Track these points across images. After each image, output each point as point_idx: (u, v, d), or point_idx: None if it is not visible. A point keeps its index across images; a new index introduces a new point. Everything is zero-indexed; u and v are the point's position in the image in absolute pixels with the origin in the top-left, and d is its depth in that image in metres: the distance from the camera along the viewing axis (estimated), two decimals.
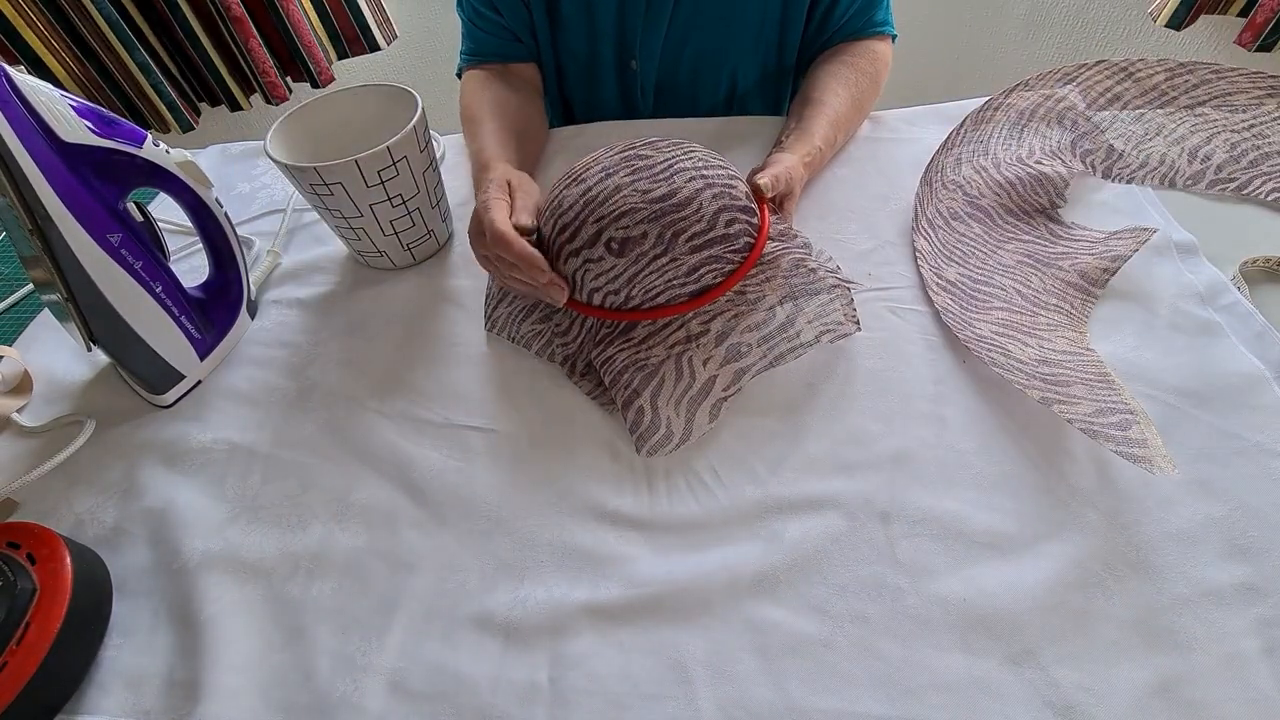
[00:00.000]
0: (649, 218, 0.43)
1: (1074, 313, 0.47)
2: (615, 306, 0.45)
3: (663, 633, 0.35)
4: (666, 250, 0.43)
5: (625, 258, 0.43)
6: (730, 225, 0.44)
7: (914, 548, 0.37)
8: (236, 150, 0.74)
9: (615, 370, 0.45)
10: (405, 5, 1.36)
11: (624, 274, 0.44)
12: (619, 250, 0.43)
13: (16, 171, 0.38)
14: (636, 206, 0.43)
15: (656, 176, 0.43)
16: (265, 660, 0.36)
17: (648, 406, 0.43)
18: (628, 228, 0.43)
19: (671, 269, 0.43)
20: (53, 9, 1.11)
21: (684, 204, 0.43)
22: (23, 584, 0.35)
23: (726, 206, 0.44)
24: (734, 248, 0.44)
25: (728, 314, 0.45)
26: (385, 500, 0.42)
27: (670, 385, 0.44)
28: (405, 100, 0.52)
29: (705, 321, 0.45)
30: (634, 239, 0.43)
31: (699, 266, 0.43)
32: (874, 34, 0.66)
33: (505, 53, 0.69)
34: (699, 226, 0.43)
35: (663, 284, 0.44)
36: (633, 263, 0.43)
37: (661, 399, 0.43)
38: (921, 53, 1.45)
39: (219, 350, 0.52)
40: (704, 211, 0.43)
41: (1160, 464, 0.35)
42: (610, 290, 0.44)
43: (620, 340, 0.45)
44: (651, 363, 0.44)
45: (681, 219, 0.43)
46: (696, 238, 0.43)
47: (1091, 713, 0.31)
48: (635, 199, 0.43)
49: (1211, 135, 0.58)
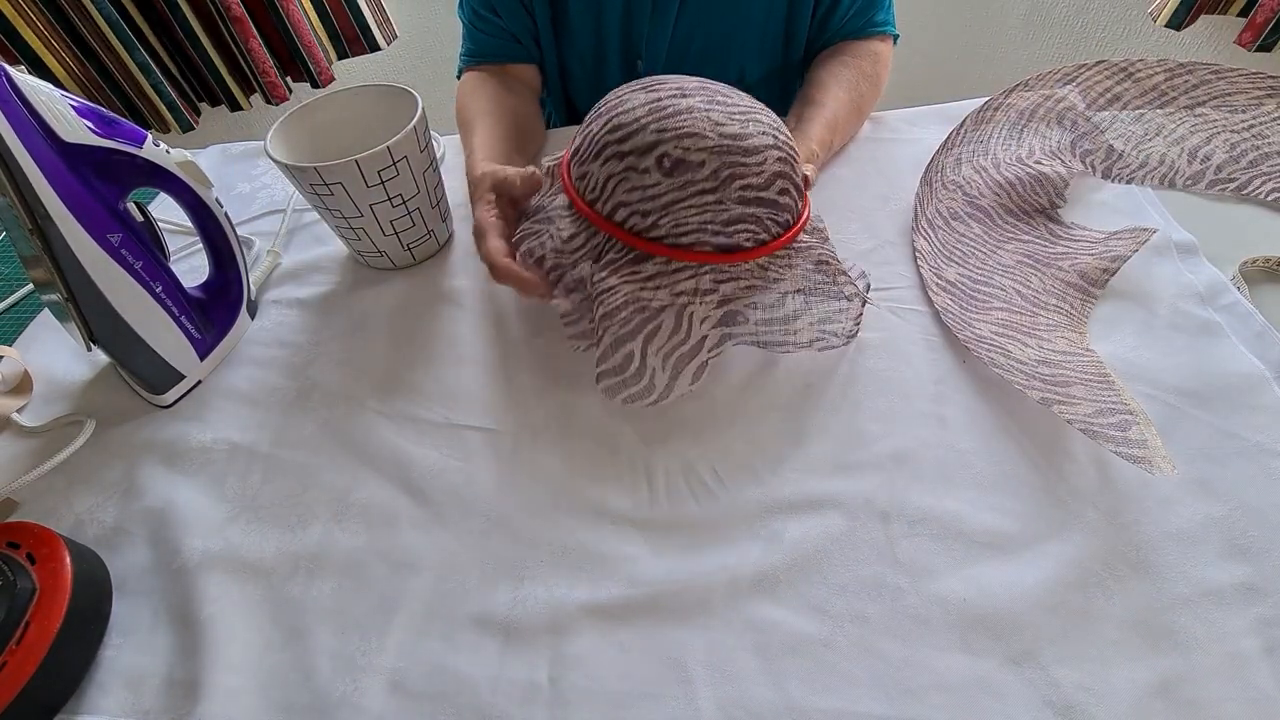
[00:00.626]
0: (714, 149, 0.40)
1: (1074, 313, 0.47)
2: (638, 230, 0.42)
3: (663, 633, 0.35)
4: (718, 189, 0.40)
5: (673, 179, 0.40)
6: (782, 194, 0.42)
7: (914, 548, 0.37)
8: (236, 150, 0.74)
9: (614, 304, 0.42)
10: (405, 5, 1.36)
11: (663, 197, 0.41)
12: (670, 170, 0.40)
13: (16, 171, 0.38)
14: (705, 133, 0.40)
15: (733, 115, 0.41)
16: (265, 660, 0.36)
17: (638, 353, 0.42)
18: (688, 150, 0.40)
19: (713, 210, 0.41)
20: (53, 9, 1.11)
21: (751, 151, 0.41)
22: (22, 584, 0.35)
23: (785, 174, 0.42)
24: (776, 218, 0.42)
25: (741, 282, 0.43)
26: (385, 500, 0.42)
27: (665, 336, 0.42)
28: (405, 100, 0.52)
29: (718, 281, 0.43)
30: (690, 164, 0.40)
31: (738, 220, 0.41)
32: (875, 34, 0.66)
33: (504, 54, 0.69)
34: (757, 180, 0.41)
35: (696, 223, 0.41)
36: (679, 188, 0.40)
37: (653, 348, 0.42)
38: (921, 53, 1.45)
39: (219, 350, 0.52)
40: (766, 169, 0.41)
41: (1160, 464, 0.35)
42: (640, 210, 0.41)
43: (627, 271, 0.43)
44: (653, 306, 0.42)
45: (743, 165, 0.40)
46: (749, 190, 0.41)
47: (1091, 713, 0.31)
48: (705, 126, 0.40)
49: (1211, 135, 0.58)
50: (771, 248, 0.43)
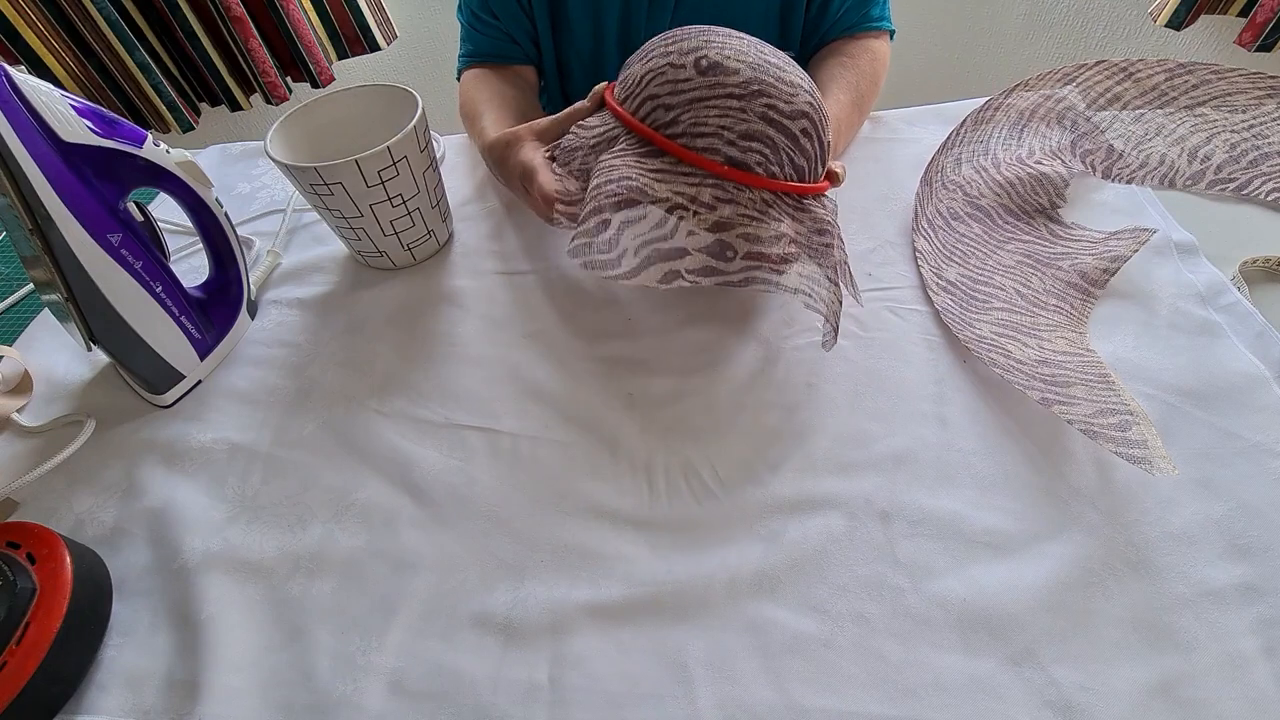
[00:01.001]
0: (751, 64, 0.42)
1: (1074, 313, 0.47)
2: (657, 125, 0.43)
3: (663, 632, 0.35)
4: (744, 98, 0.41)
5: (705, 78, 0.41)
6: (804, 135, 0.42)
7: (914, 548, 0.37)
8: (236, 150, 0.74)
9: (610, 176, 0.42)
10: (405, 5, 1.36)
11: (690, 93, 0.42)
12: (705, 69, 0.42)
13: (16, 171, 0.38)
14: (746, 51, 0.42)
15: (779, 54, 0.43)
16: (265, 660, 0.36)
17: (614, 225, 0.41)
18: (728, 57, 0.41)
19: (734, 116, 0.41)
20: (53, 9, 1.11)
21: (785, 81, 0.42)
22: (22, 584, 0.35)
23: (811, 119, 0.43)
24: (793, 155, 0.42)
25: (740, 208, 0.42)
26: (385, 500, 0.42)
27: (647, 226, 0.42)
28: (405, 100, 0.53)
29: (718, 199, 0.42)
30: (725, 68, 0.41)
31: (755, 137, 0.41)
32: (871, 29, 0.66)
33: (503, 55, 0.70)
34: (784, 105, 0.42)
35: (715, 126, 0.42)
36: (708, 86, 0.41)
37: (630, 231, 0.41)
38: (921, 53, 1.45)
39: (219, 350, 0.52)
40: (796, 102, 0.42)
41: (1160, 465, 0.35)
42: (665, 104, 0.42)
43: (633, 158, 0.43)
44: (648, 195, 0.42)
45: (775, 86, 0.41)
46: (774, 110, 0.41)
47: (1091, 713, 0.31)
48: (752, 49, 0.42)
49: (1211, 135, 0.58)
50: (778, 184, 0.42)
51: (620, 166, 0.42)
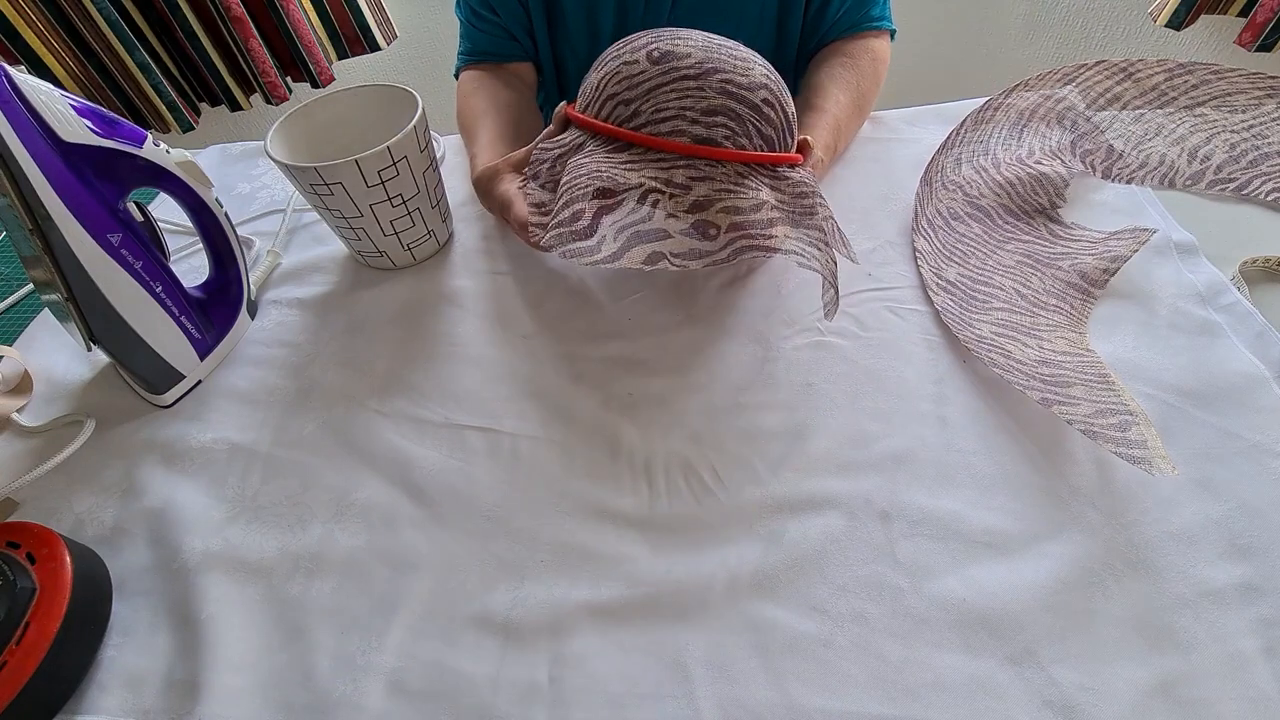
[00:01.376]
0: (700, 45, 0.42)
1: (1073, 313, 0.47)
2: (619, 120, 0.43)
3: (663, 632, 0.35)
4: (699, 77, 0.42)
5: (658, 66, 0.42)
6: (766, 105, 0.43)
7: (914, 548, 0.37)
8: (236, 150, 0.74)
9: (581, 173, 0.42)
10: (405, 5, 1.36)
11: (647, 83, 0.42)
12: (657, 59, 0.42)
13: (16, 171, 0.38)
14: (695, 38, 0.43)
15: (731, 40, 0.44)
16: (265, 660, 0.36)
17: (589, 214, 0.41)
18: (678, 44, 0.42)
19: (693, 96, 0.42)
20: (53, 9, 1.11)
21: (738, 57, 0.42)
22: (22, 584, 0.35)
23: (769, 89, 0.43)
24: (759, 124, 0.43)
25: (716, 184, 0.42)
26: (385, 500, 0.42)
27: (624, 213, 0.41)
28: (405, 100, 0.53)
29: (692, 179, 0.42)
30: (676, 54, 0.42)
31: (717, 112, 0.42)
32: (871, 29, 0.66)
33: (502, 52, 0.70)
34: (740, 79, 0.42)
35: (676, 108, 0.42)
36: (662, 73, 0.42)
37: (608, 219, 0.41)
38: (921, 53, 1.45)
39: (219, 350, 0.52)
40: (752, 75, 0.42)
41: (1160, 465, 0.35)
42: (623, 99, 0.43)
43: (601, 156, 0.43)
44: (619, 184, 0.42)
45: (728, 62, 0.42)
46: (731, 85, 0.42)
47: (1091, 713, 0.31)
48: (698, 35, 0.43)
49: (1211, 135, 0.58)
50: (749, 156, 0.42)
51: (589, 164, 0.43)
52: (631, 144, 0.43)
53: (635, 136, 0.43)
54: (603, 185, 0.41)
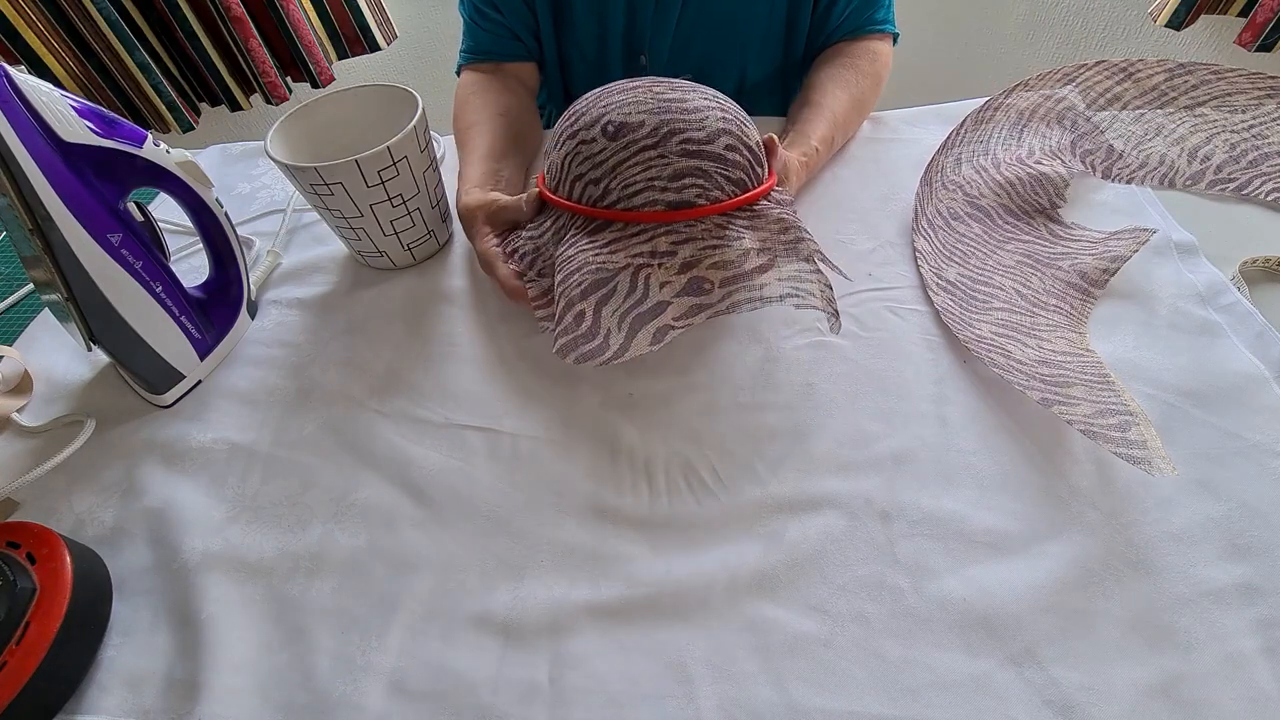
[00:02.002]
0: (652, 110, 0.43)
1: (1073, 313, 0.47)
2: (591, 200, 0.44)
3: (663, 632, 0.35)
4: (658, 144, 0.42)
5: (616, 142, 0.43)
6: (729, 150, 0.43)
7: (914, 548, 0.37)
8: (236, 150, 0.74)
9: (570, 268, 0.43)
10: (405, 5, 1.36)
11: (609, 160, 0.43)
12: (613, 134, 0.43)
13: (16, 171, 0.38)
14: (644, 100, 0.43)
15: (675, 88, 0.44)
16: (265, 660, 0.36)
17: (590, 313, 0.42)
18: (629, 114, 0.43)
19: (657, 165, 0.42)
20: (53, 9, 1.11)
21: (690, 111, 0.43)
22: (23, 584, 0.35)
23: (729, 131, 0.43)
24: (726, 174, 0.43)
25: (700, 242, 0.43)
26: (385, 500, 0.42)
27: (620, 298, 0.42)
28: (405, 100, 0.53)
29: (675, 243, 0.43)
30: (630, 125, 0.43)
31: (684, 174, 0.42)
32: (874, 32, 0.66)
33: (504, 52, 0.70)
34: (698, 134, 0.42)
35: (644, 181, 0.43)
36: (622, 148, 0.43)
37: (607, 310, 0.42)
38: (921, 53, 1.45)
39: (219, 350, 0.52)
40: (707, 125, 0.43)
41: (1159, 465, 0.35)
42: (591, 179, 0.44)
43: (585, 241, 0.44)
44: (608, 269, 0.42)
45: (682, 120, 0.43)
46: (691, 143, 0.42)
47: (1091, 713, 0.31)
48: (645, 95, 0.44)
49: (1211, 135, 0.58)
50: (726, 206, 0.43)
51: (575, 255, 0.44)
52: (610, 221, 0.44)
53: (612, 214, 0.44)
54: (594, 278, 0.42)
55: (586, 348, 0.42)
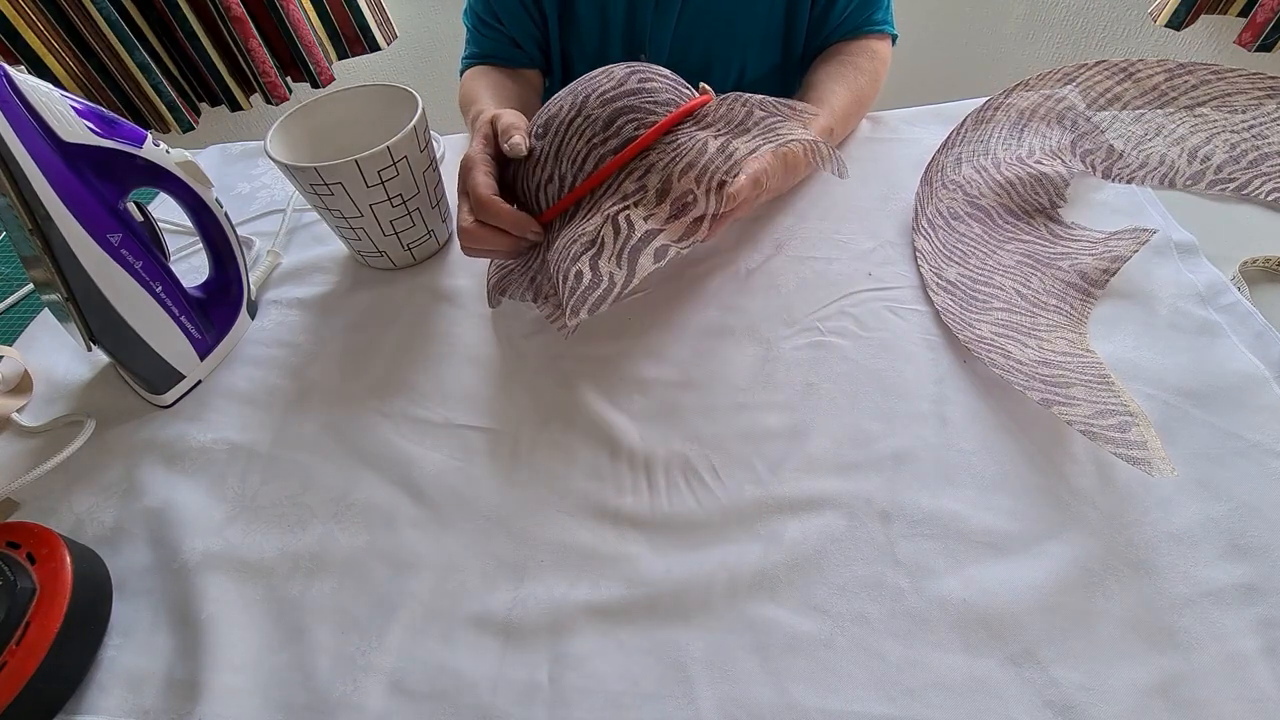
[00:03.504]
0: (563, 95, 0.46)
1: (1073, 313, 0.47)
2: (555, 196, 0.46)
3: (663, 632, 0.35)
4: (580, 111, 0.44)
5: (547, 136, 0.45)
6: (645, 82, 0.45)
7: (914, 548, 0.37)
8: (236, 150, 0.74)
9: (558, 245, 0.44)
10: (405, 5, 1.36)
11: (550, 152, 0.45)
12: (542, 133, 0.45)
13: (16, 171, 0.38)
14: (560, 97, 0.46)
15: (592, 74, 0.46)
16: (265, 660, 0.36)
17: (586, 269, 0.42)
18: (547, 109, 0.45)
19: (588, 127, 0.44)
20: (53, 9, 1.11)
21: (595, 75, 0.45)
22: (23, 584, 0.35)
23: (636, 70, 0.45)
24: (652, 100, 0.44)
25: (660, 164, 0.43)
26: (385, 500, 0.42)
27: (610, 245, 0.42)
28: (405, 100, 0.53)
29: (639, 178, 0.43)
30: (551, 115, 0.45)
31: (615, 119, 0.44)
32: (873, 32, 0.67)
33: (506, 57, 0.71)
34: (608, 84, 0.44)
35: (584, 146, 0.44)
36: (554, 135, 0.45)
37: (602, 260, 0.42)
38: (921, 53, 1.45)
39: (219, 350, 0.52)
40: (614, 74, 0.45)
41: (1159, 466, 0.35)
42: (546, 179, 0.46)
43: (562, 228, 0.46)
44: (589, 230, 0.43)
45: (591, 83, 0.45)
46: (606, 94, 0.44)
47: (1091, 713, 0.31)
48: (562, 93, 0.46)
49: (1211, 135, 0.58)
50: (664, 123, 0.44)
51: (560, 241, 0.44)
52: (579, 199, 0.45)
53: (577, 191, 0.45)
54: (581, 245, 0.43)
55: (593, 296, 0.41)
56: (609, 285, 0.41)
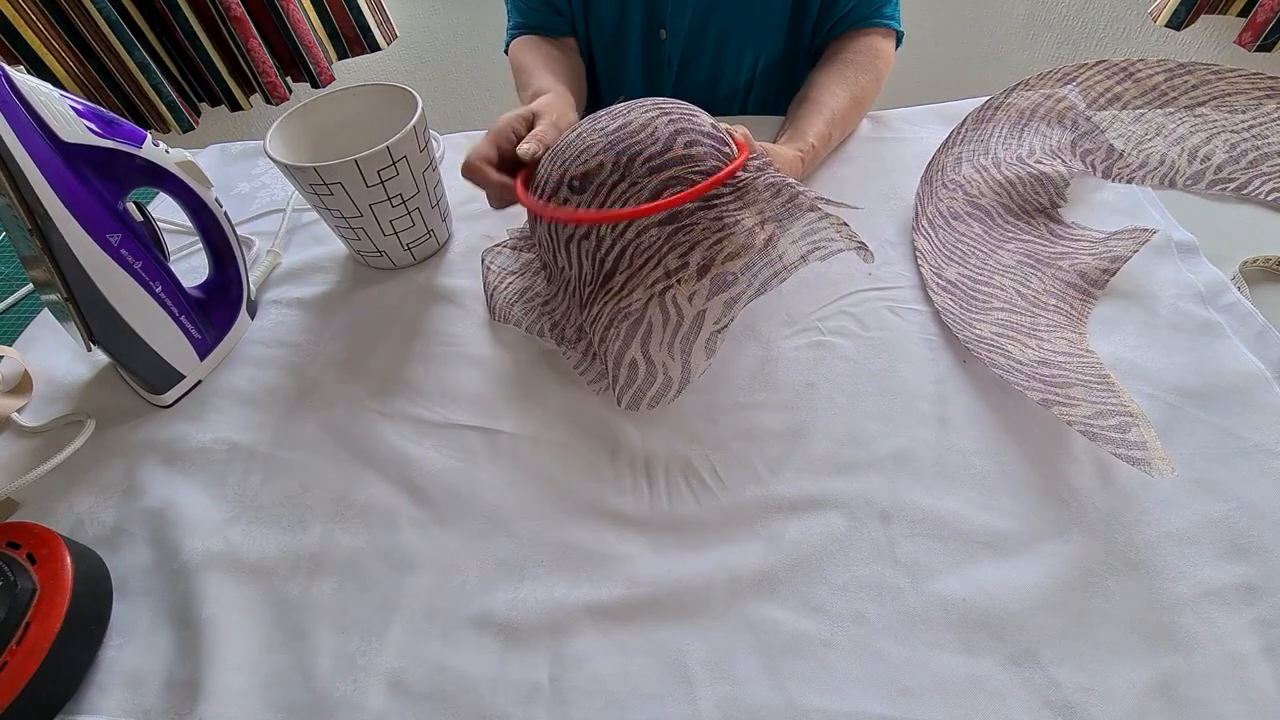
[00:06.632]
0: (604, 148, 0.42)
1: (1073, 313, 0.47)
2: (589, 251, 0.44)
3: (663, 632, 0.35)
4: (624, 175, 0.42)
5: (586, 193, 0.42)
6: (690, 146, 0.42)
7: (914, 548, 0.37)
8: (236, 150, 0.74)
9: (602, 326, 0.44)
10: (405, 5, 1.36)
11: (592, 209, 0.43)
12: (580, 187, 0.43)
13: (16, 171, 0.38)
14: (593, 141, 0.43)
15: (615, 115, 0.44)
16: (265, 660, 0.36)
17: (640, 358, 0.42)
18: (585, 162, 0.42)
19: (633, 195, 0.42)
20: (53, 9, 1.11)
21: (638, 130, 0.42)
22: (23, 584, 0.35)
23: (684, 129, 0.43)
24: (698, 169, 0.42)
25: (705, 243, 0.42)
26: (385, 500, 0.42)
27: (659, 330, 0.42)
28: (405, 100, 0.53)
29: (683, 255, 0.42)
30: (591, 171, 0.42)
31: (661, 190, 0.42)
32: (879, 25, 0.67)
33: (549, 25, 0.73)
34: (654, 148, 0.42)
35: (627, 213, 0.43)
36: (593, 195, 0.42)
37: (653, 345, 0.42)
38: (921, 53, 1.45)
39: (219, 350, 0.52)
40: (659, 135, 0.42)
41: (1159, 467, 0.35)
42: (582, 234, 0.44)
43: (601, 294, 0.44)
44: (634, 309, 0.43)
45: (636, 143, 0.42)
46: (654, 159, 0.42)
47: (1091, 713, 0.31)
48: (592, 136, 0.43)
49: (1211, 135, 0.58)
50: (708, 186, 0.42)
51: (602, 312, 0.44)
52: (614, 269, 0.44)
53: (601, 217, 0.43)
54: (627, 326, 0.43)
55: (652, 391, 0.43)
56: (665, 383, 0.43)
